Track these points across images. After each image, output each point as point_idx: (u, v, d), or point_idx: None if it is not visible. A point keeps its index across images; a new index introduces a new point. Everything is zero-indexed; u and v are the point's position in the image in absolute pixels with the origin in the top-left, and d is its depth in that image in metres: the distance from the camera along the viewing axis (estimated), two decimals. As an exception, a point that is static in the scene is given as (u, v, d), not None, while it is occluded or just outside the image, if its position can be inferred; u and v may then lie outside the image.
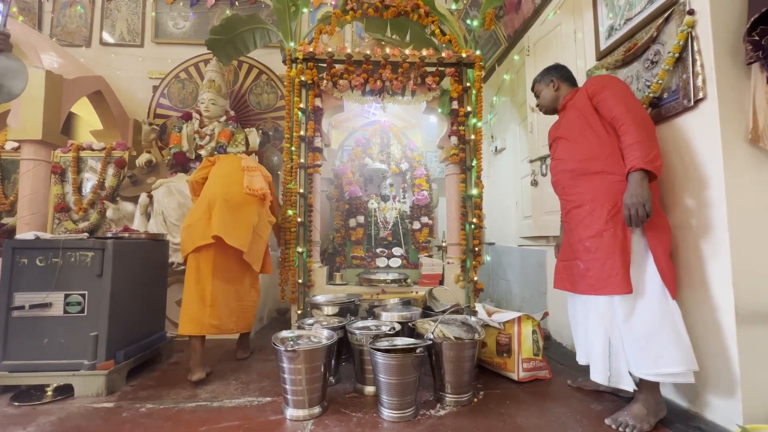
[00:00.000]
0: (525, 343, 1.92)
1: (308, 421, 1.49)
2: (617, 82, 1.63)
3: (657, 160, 1.41)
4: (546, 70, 1.91)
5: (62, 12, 3.98)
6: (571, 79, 1.85)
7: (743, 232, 1.40)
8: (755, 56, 1.35)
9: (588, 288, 1.54)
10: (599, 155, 1.56)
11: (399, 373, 1.49)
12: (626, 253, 1.46)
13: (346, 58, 2.51)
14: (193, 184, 2.30)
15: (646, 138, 1.43)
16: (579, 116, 1.66)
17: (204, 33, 3.71)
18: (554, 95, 1.84)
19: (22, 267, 1.75)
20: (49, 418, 1.52)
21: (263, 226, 2.23)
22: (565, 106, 1.78)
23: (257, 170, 2.28)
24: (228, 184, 2.14)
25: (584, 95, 1.66)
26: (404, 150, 3.48)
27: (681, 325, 1.41)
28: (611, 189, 1.51)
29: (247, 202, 2.13)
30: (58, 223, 3.00)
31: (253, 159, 2.42)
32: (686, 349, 1.39)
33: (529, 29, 2.99)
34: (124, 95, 3.76)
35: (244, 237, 2.05)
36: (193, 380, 1.83)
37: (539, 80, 1.91)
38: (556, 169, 1.77)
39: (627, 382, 1.48)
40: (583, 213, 1.59)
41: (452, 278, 2.55)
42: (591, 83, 1.67)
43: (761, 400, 1.35)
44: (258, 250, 2.18)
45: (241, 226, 2.06)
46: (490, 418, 1.53)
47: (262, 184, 2.21)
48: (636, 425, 1.40)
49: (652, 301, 1.43)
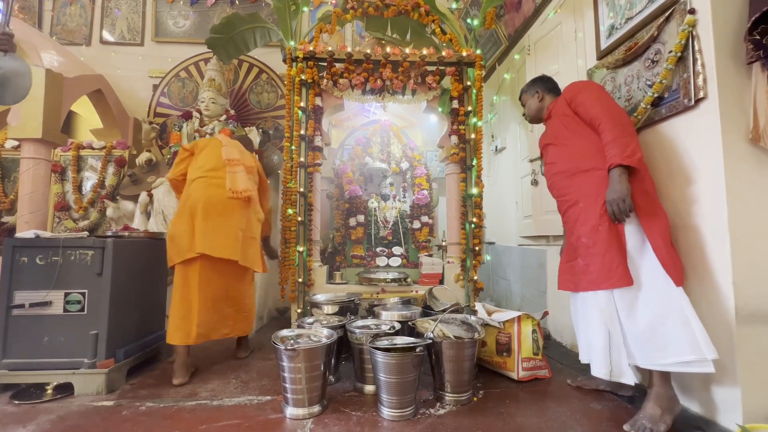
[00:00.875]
0: (525, 343, 1.92)
1: (308, 420, 1.49)
2: (591, 84, 1.75)
3: (635, 153, 1.46)
4: (532, 82, 2.00)
5: (62, 10, 3.98)
6: (556, 90, 1.94)
7: (744, 231, 1.40)
8: (756, 56, 1.35)
9: (590, 284, 1.55)
10: (588, 153, 1.62)
11: (399, 372, 1.49)
12: (623, 244, 1.48)
13: (347, 57, 2.50)
14: (173, 182, 2.18)
15: (621, 134, 1.49)
16: (562, 122, 1.74)
17: (204, 32, 3.71)
18: (539, 105, 1.94)
19: (22, 265, 1.75)
20: (49, 416, 1.52)
21: (253, 227, 2.13)
22: (550, 114, 1.87)
23: (239, 163, 2.09)
24: (209, 186, 2.00)
25: (563, 102, 1.76)
26: (404, 149, 3.48)
27: (690, 312, 1.37)
28: (602, 184, 1.54)
29: (232, 205, 2.01)
30: (59, 222, 3.00)
31: (235, 144, 2.21)
32: (698, 336, 1.33)
33: (529, 28, 2.99)
34: (124, 94, 3.76)
35: (233, 245, 1.96)
36: (174, 384, 1.82)
37: (525, 91, 2.01)
38: (549, 172, 1.83)
39: (628, 376, 1.47)
40: (578, 210, 1.63)
41: (452, 277, 2.55)
42: (567, 90, 1.77)
43: (761, 400, 1.35)
44: (253, 252, 2.11)
45: (228, 235, 1.96)
46: (489, 417, 1.53)
47: (246, 184, 2.05)
48: (653, 428, 1.36)
49: (654, 290, 1.43)
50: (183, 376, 1.86)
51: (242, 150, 2.24)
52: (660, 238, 1.45)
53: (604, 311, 1.52)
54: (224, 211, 1.98)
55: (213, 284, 1.96)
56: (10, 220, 3.08)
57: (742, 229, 1.40)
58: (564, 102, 1.75)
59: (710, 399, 1.46)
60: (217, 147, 2.14)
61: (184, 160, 2.15)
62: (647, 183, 1.53)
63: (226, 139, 2.24)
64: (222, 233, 1.95)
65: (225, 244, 1.94)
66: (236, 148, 2.18)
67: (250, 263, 2.07)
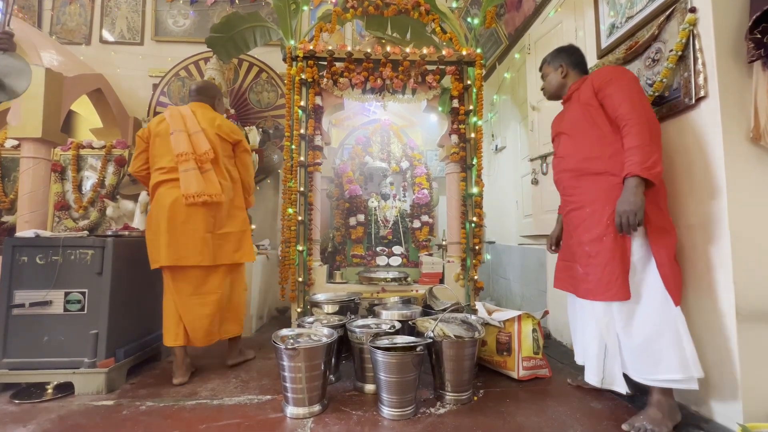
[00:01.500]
0: (525, 342, 1.92)
1: (308, 419, 1.49)
2: (624, 75, 1.52)
3: (656, 166, 1.36)
4: (557, 52, 1.76)
5: (62, 10, 3.97)
6: (582, 65, 1.74)
7: (744, 230, 1.39)
8: (757, 54, 1.35)
9: (587, 293, 1.53)
10: (602, 155, 1.51)
11: (399, 371, 1.49)
12: (626, 258, 1.42)
13: (347, 56, 2.50)
14: (136, 176, 2.05)
15: (648, 142, 1.37)
16: (583, 111, 1.58)
17: (204, 31, 3.71)
18: (561, 82, 1.73)
19: (22, 265, 1.75)
20: (50, 415, 1.52)
21: (226, 220, 1.97)
22: (571, 96, 1.69)
23: (189, 158, 1.86)
24: (169, 192, 1.87)
25: (590, 88, 1.56)
26: (404, 148, 3.48)
27: (684, 332, 1.36)
28: (612, 192, 1.46)
29: (194, 208, 1.86)
30: (59, 222, 3.00)
31: (187, 115, 1.94)
32: (688, 357, 1.34)
33: (530, 27, 2.98)
34: (124, 93, 3.76)
35: (200, 251, 1.85)
36: (174, 383, 1.83)
37: (548, 62, 1.78)
38: (558, 167, 1.71)
39: (620, 384, 1.47)
40: (583, 215, 1.55)
41: (452, 277, 2.55)
42: (598, 75, 1.57)
43: (762, 399, 1.35)
44: (231, 247, 1.97)
45: (195, 240, 1.85)
46: (489, 416, 1.53)
47: (199, 186, 1.83)
48: (654, 429, 1.35)
49: (653, 307, 1.40)
50: (182, 375, 1.86)
51: (205, 117, 1.99)
52: (665, 255, 1.40)
53: (601, 321, 1.50)
54: (188, 218, 1.85)
55: (190, 288, 1.88)
56: (10, 220, 3.07)
57: (743, 228, 1.39)
58: (590, 89, 1.56)
59: (710, 398, 1.46)
60: (166, 137, 1.92)
61: (141, 153, 1.99)
62: (661, 197, 1.45)
63: (176, 114, 1.95)
64: (189, 240, 1.85)
65: (192, 251, 1.84)
66: (187, 122, 1.93)
67: (227, 260, 1.96)
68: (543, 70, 1.82)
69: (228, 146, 2.06)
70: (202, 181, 1.87)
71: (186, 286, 1.89)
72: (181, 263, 1.84)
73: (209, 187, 1.88)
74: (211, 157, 1.92)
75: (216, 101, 2.16)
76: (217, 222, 1.94)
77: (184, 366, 1.88)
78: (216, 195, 1.88)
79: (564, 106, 1.76)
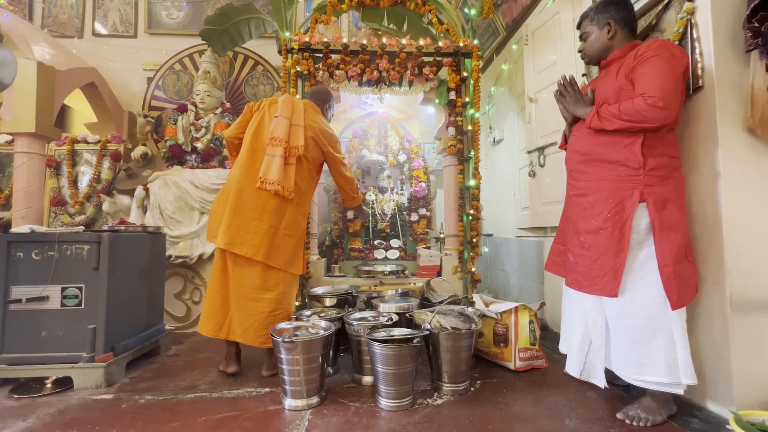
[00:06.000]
0: (522, 333, 1.93)
1: (306, 411, 1.50)
2: (670, 54, 1.33)
3: (605, 125, 1.38)
4: (605, 5, 1.49)
5: (53, 2, 3.90)
6: (632, 24, 1.49)
7: (738, 220, 1.40)
8: (755, 43, 1.34)
9: (573, 282, 1.51)
10: (619, 142, 1.39)
11: (396, 363, 1.50)
12: (621, 254, 1.36)
13: (343, 48, 2.47)
14: (227, 142, 2.04)
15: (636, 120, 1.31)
16: (617, 87, 1.41)
17: (198, 23, 3.65)
18: (606, 44, 1.50)
19: (18, 260, 1.75)
20: (49, 410, 1.52)
21: (293, 224, 1.89)
22: (610, 63, 1.49)
23: (281, 143, 1.82)
24: (249, 169, 1.84)
25: (631, 65, 1.39)
26: (402, 141, 3.47)
27: (679, 337, 1.33)
28: (620, 184, 1.39)
29: (267, 196, 1.81)
30: (55, 217, 2.98)
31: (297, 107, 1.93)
32: (679, 362, 1.31)
33: (527, 18, 2.96)
34: (118, 87, 3.72)
35: (258, 243, 1.78)
36: (226, 371, 1.87)
37: (592, 18, 1.52)
38: (572, 146, 1.58)
39: (599, 377, 1.48)
40: (584, 204, 1.48)
41: (450, 269, 2.56)
42: (644, 48, 1.38)
43: (754, 387, 1.36)
44: (286, 252, 1.86)
45: (258, 230, 1.78)
46: (486, 406, 1.54)
47: (278, 176, 1.79)
48: (648, 417, 1.35)
49: (647, 308, 1.35)
50: (231, 366, 1.86)
51: (312, 117, 1.99)
52: (670, 257, 1.33)
53: (588, 314, 1.48)
54: (258, 205, 1.80)
55: (235, 278, 1.82)
56: (6, 216, 3.06)
57: (737, 218, 1.40)
58: (631, 66, 1.39)
59: (704, 386, 1.47)
60: (270, 117, 1.91)
61: (243, 121, 1.98)
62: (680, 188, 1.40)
63: (289, 102, 1.93)
64: (250, 228, 1.78)
65: (250, 241, 1.77)
66: (295, 113, 1.92)
67: (280, 263, 1.83)
68: (583, 29, 1.57)
69: (319, 155, 2.02)
70: (282, 172, 1.81)
71: (236, 269, 1.82)
72: (234, 250, 1.78)
73: (286, 180, 1.83)
74: (300, 153, 1.87)
75: (326, 107, 2.19)
76: (286, 220, 1.87)
77: (233, 356, 1.88)
78: (288, 190, 1.83)
79: (600, 73, 1.57)
